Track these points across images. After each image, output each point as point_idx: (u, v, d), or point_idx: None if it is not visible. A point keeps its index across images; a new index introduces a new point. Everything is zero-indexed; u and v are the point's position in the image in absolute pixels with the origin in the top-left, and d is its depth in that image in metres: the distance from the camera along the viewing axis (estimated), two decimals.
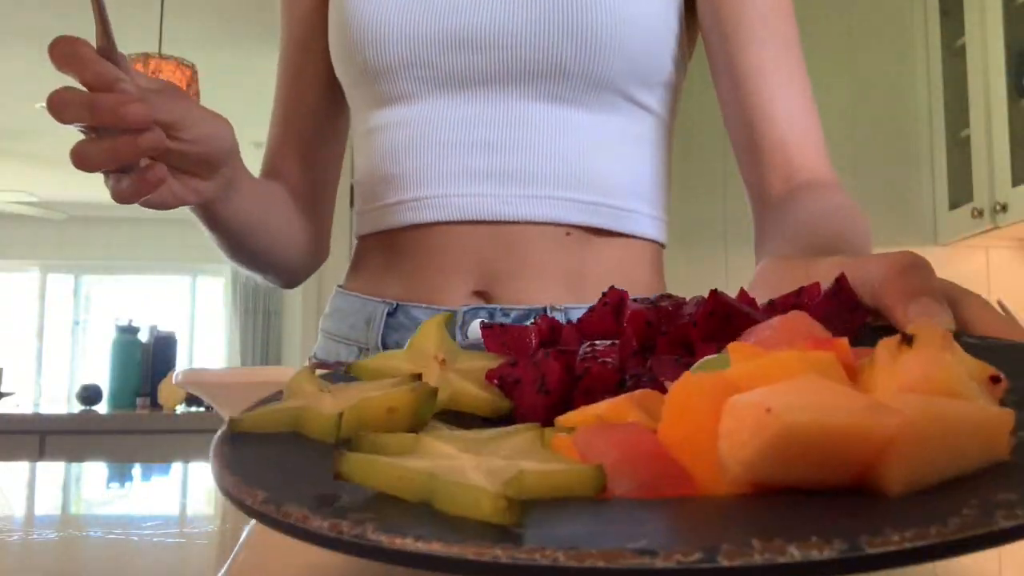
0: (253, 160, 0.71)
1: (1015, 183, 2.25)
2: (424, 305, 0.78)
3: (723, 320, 0.35)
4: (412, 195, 0.79)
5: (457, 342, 0.51)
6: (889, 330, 0.35)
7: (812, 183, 0.74)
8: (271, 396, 0.38)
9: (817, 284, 0.38)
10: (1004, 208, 2.28)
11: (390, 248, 0.81)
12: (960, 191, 2.52)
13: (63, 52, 0.53)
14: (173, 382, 0.52)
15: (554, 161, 0.78)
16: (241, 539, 0.42)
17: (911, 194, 2.67)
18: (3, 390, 2.78)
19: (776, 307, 0.37)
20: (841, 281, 0.37)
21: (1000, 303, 0.40)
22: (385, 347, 0.80)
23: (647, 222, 0.81)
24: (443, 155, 0.79)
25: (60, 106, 0.53)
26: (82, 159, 0.54)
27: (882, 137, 2.69)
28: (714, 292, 0.36)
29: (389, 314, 0.80)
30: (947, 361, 0.27)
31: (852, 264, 0.39)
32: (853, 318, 0.37)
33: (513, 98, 0.78)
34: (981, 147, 2.38)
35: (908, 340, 0.28)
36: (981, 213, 2.37)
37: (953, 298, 0.37)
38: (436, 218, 0.78)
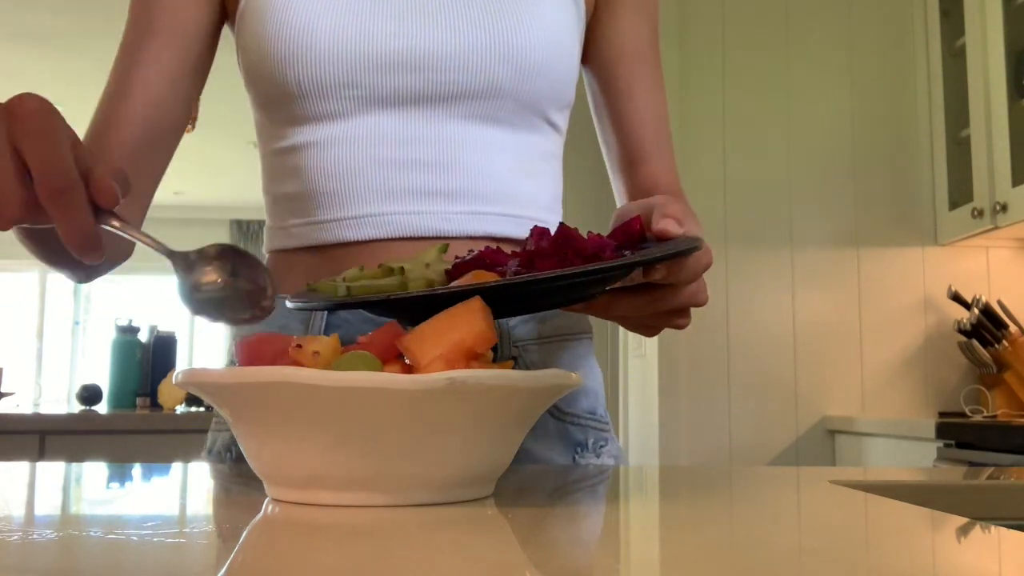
0: (253, 161, 0.72)
1: (1015, 183, 2.24)
2: None
3: (563, 241, 0.59)
4: (350, 213, 0.80)
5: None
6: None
7: (668, 192, 0.89)
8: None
9: (628, 221, 0.63)
10: (1004, 208, 2.28)
11: (325, 260, 0.82)
12: (960, 191, 2.52)
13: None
14: (173, 382, 0.52)
15: (487, 178, 0.82)
16: (241, 539, 0.42)
17: (911, 194, 2.67)
18: (3, 390, 2.78)
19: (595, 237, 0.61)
20: (627, 223, 0.62)
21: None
22: None
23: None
24: (380, 173, 0.80)
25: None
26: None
27: (882, 137, 2.69)
28: (562, 224, 0.60)
29: (330, 312, 0.81)
30: None
31: (641, 205, 0.64)
32: (627, 240, 0.62)
33: (446, 118, 0.81)
34: (981, 147, 2.38)
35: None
36: (981, 213, 2.37)
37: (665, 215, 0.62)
38: (375, 235, 0.80)
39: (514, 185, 0.84)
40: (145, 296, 8.15)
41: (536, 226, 0.62)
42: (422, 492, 0.50)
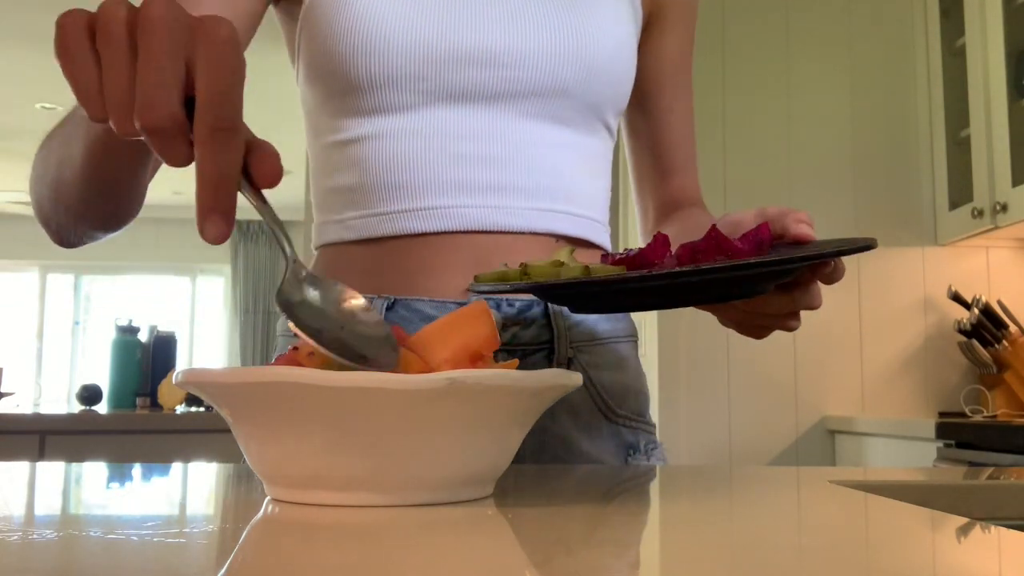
0: None
1: (1015, 183, 2.25)
2: (427, 299, 0.80)
3: (716, 242, 0.60)
4: (413, 205, 0.80)
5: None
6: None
7: (694, 202, 0.96)
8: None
9: (757, 227, 0.63)
10: (1004, 208, 2.28)
11: (384, 253, 0.81)
12: (960, 191, 2.52)
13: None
14: (173, 382, 0.52)
15: (548, 176, 0.83)
16: (241, 539, 0.42)
17: (911, 194, 2.67)
18: (3, 390, 2.78)
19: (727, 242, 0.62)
20: (756, 229, 0.63)
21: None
22: None
23: (606, 234, 0.89)
24: (443, 166, 0.80)
25: None
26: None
27: (882, 137, 2.69)
28: (713, 226, 0.61)
29: (388, 308, 0.81)
30: None
31: (755, 214, 0.67)
32: (759, 243, 0.62)
33: (511, 115, 0.82)
34: (981, 147, 2.38)
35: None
36: (981, 213, 2.37)
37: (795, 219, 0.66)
38: (439, 228, 0.80)
39: (576, 184, 0.85)
40: (145, 296, 8.15)
41: (659, 232, 0.63)
42: (422, 492, 0.50)
